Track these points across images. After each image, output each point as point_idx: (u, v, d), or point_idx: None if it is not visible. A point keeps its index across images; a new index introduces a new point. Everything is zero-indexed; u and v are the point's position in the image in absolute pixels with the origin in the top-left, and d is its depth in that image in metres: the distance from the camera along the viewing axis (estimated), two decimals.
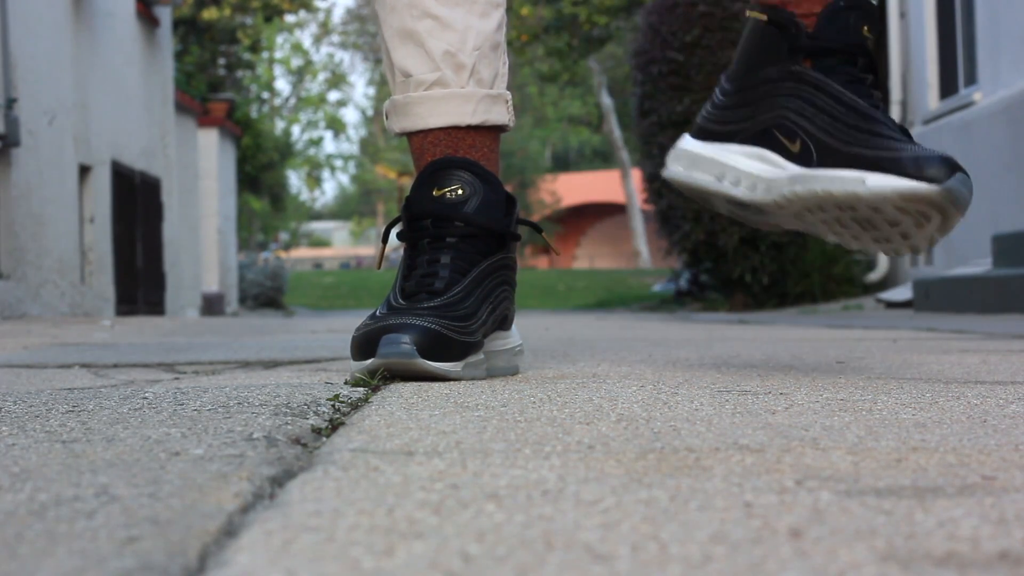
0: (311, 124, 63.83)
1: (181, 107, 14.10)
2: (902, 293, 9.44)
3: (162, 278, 12.08)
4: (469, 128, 1.90)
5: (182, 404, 1.38)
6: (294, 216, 62.35)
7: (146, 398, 1.47)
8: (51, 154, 8.45)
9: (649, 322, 7.12)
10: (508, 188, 1.92)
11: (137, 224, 11.10)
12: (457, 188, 1.86)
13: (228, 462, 0.96)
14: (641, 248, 40.08)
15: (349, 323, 6.44)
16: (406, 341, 1.71)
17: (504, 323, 1.91)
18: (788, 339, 3.58)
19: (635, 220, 39.73)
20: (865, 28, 1.76)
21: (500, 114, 1.92)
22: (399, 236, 1.92)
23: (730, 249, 10.95)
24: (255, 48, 24.10)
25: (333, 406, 1.39)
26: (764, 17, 1.78)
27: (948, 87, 10.13)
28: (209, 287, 16.20)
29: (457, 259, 1.83)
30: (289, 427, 1.18)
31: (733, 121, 1.80)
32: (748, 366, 2.10)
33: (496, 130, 1.94)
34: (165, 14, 12.44)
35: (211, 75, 21.61)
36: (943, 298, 7.82)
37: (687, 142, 1.85)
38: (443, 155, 1.91)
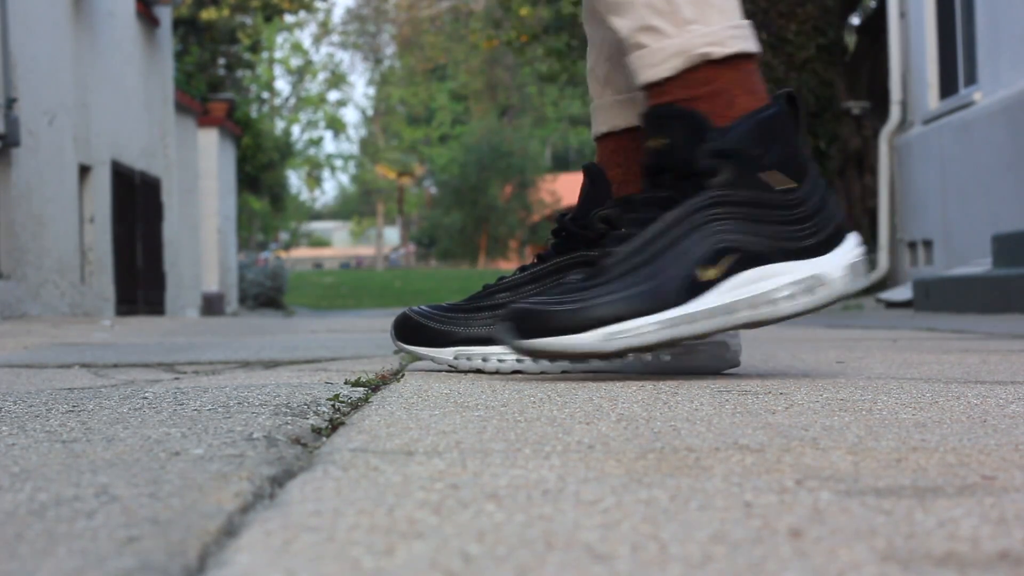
0: (311, 124, 63.85)
1: (181, 107, 14.10)
2: (902, 293, 9.44)
3: (162, 278, 12.08)
4: None
5: (182, 404, 1.38)
6: (294, 216, 62.41)
7: (146, 398, 1.47)
8: (51, 154, 8.45)
9: None
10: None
11: (137, 224, 11.10)
12: None
13: (228, 462, 0.96)
14: None
15: (349, 323, 6.44)
16: None
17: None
18: (788, 339, 3.58)
19: None
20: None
21: None
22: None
23: None
24: (255, 48, 24.12)
25: (333, 406, 1.39)
26: None
27: (948, 87, 10.13)
28: (209, 287, 16.20)
29: None
30: (289, 427, 1.18)
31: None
32: (748, 366, 2.10)
33: None
34: (165, 14, 12.44)
35: (211, 75, 21.61)
36: (943, 298, 7.82)
37: None
38: None
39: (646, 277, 1.73)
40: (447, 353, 1.86)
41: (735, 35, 1.78)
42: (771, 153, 1.74)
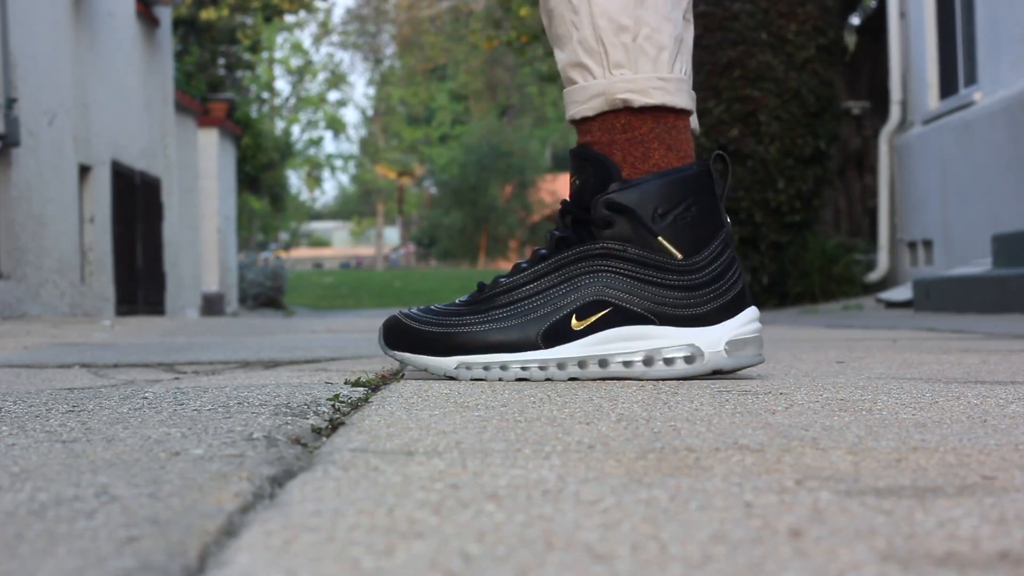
0: (311, 124, 63.83)
1: (181, 107, 14.10)
2: (902, 293, 9.44)
3: (162, 278, 12.08)
4: None
5: (182, 404, 1.38)
6: (294, 216, 62.42)
7: (146, 398, 1.47)
8: (51, 154, 8.45)
9: None
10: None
11: (137, 224, 11.10)
12: None
13: (228, 462, 0.96)
14: None
15: (349, 323, 6.44)
16: None
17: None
18: (788, 339, 3.58)
19: None
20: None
21: None
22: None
23: None
24: (255, 48, 24.12)
25: (333, 406, 1.39)
26: None
27: (948, 87, 10.13)
28: (209, 287, 16.20)
29: None
30: (289, 427, 1.18)
31: None
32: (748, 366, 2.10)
33: None
34: (165, 14, 12.44)
35: (211, 75, 21.61)
36: (943, 298, 7.82)
37: None
38: None
39: (518, 314, 1.75)
40: (449, 363, 1.77)
41: (662, 87, 1.76)
42: (673, 215, 1.74)
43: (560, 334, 1.73)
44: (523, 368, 1.73)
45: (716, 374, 1.77)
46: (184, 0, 16.34)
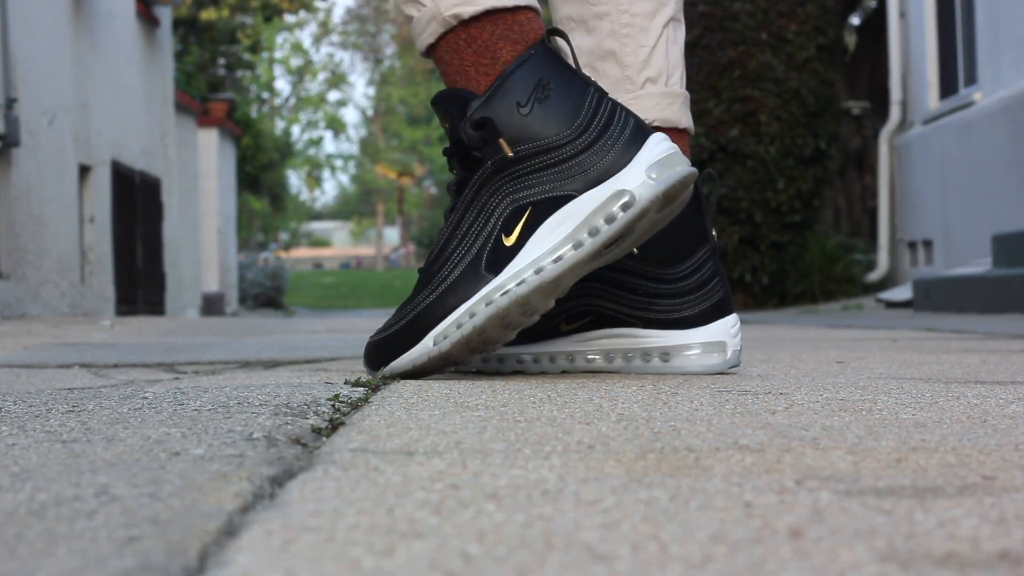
0: (311, 124, 63.83)
1: (181, 107, 14.10)
2: (902, 293, 9.44)
3: (162, 278, 12.08)
4: None
5: (182, 404, 1.38)
6: (294, 216, 62.38)
7: (146, 398, 1.47)
8: (51, 154, 8.45)
9: None
10: None
11: (137, 224, 11.10)
12: None
13: (228, 462, 0.96)
14: None
15: (349, 323, 6.44)
16: None
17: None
18: (788, 339, 3.58)
19: None
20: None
21: None
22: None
23: (730, 249, 10.96)
24: (255, 48, 24.11)
25: (333, 406, 1.39)
26: None
27: (948, 87, 10.13)
28: (209, 287, 16.20)
29: None
30: (289, 427, 1.18)
31: None
32: (748, 366, 2.10)
33: None
34: (165, 14, 12.44)
35: (211, 75, 21.60)
36: (943, 298, 7.82)
37: None
38: None
39: (457, 265, 1.72)
40: (426, 344, 1.73)
41: None
42: (532, 101, 1.70)
43: (500, 257, 1.70)
44: (487, 303, 1.68)
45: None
46: (184, 0, 16.35)
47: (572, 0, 1.95)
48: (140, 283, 11.15)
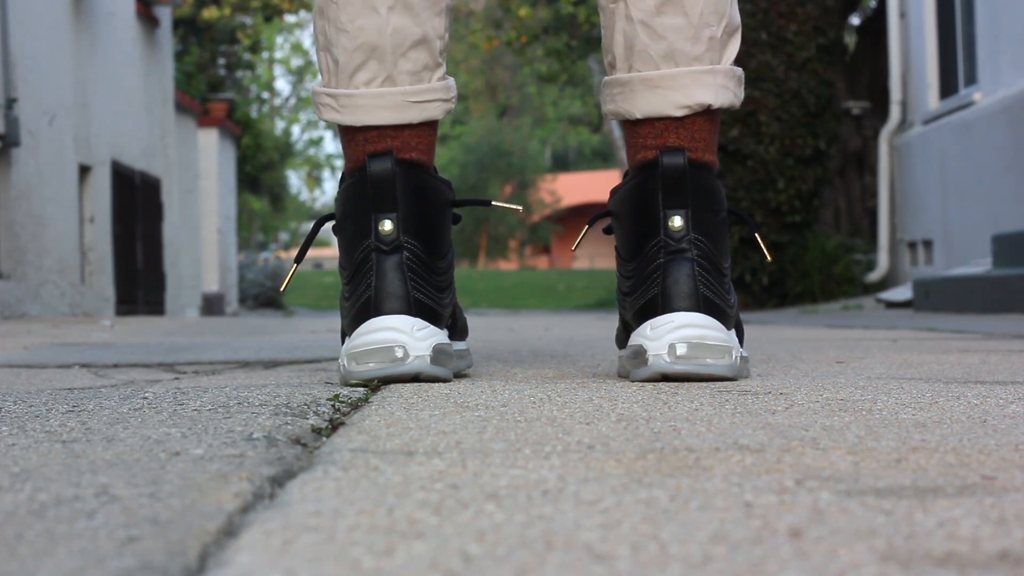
0: (311, 124, 63.84)
1: (181, 107, 14.10)
2: (902, 293, 9.44)
3: (162, 278, 12.08)
4: None
5: (182, 404, 1.38)
6: (294, 216, 62.37)
7: (146, 398, 1.47)
8: (51, 154, 8.45)
9: None
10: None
11: (137, 224, 11.10)
12: None
13: (228, 462, 0.96)
14: None
15: None
16: None
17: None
18: (788, 339, 3.58)
19: None
20: None
21: None
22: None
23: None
24: (255, 48, 24.10)
25: (333, 406, 1.39)
26: None
27: (948, 87, 10.13)
28: (209, 287, 16.19)
29: None
30: (289, 427, 1.18)
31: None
32: (748, 366, 2.10)
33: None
34: (165, 14, 12.44)
35: (211, 75, 21.60)
36: (943, 298, 7.82)
37: None
38: None
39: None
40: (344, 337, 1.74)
41: (326, 104, 1.82)
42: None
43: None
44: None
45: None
46: (184, 0, 16.36)
47: None
48: (140, 283, 11.15)
